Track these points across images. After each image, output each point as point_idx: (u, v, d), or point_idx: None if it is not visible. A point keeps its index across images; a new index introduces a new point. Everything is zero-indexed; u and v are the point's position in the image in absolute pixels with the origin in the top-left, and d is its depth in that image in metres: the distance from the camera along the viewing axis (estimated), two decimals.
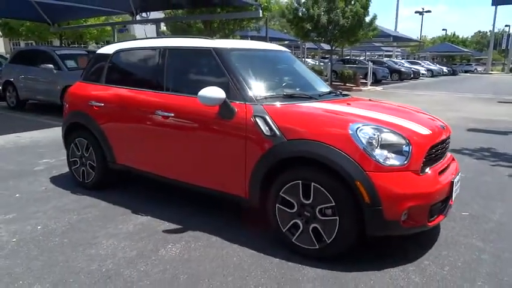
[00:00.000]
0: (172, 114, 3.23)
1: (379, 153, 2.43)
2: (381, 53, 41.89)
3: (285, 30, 25.60)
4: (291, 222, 2.69)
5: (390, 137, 2.50)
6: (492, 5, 33.49)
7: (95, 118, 3.83)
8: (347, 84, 19.40)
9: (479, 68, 49.66)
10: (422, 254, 2.76)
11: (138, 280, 2.42)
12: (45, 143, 6.25)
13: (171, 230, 3.12)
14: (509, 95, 16.47)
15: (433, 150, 2.69)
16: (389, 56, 38.37)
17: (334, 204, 2.48)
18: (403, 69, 27.01)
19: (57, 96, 8.55)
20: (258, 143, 2.77)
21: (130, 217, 3.37)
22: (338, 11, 17.65)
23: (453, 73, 38.08)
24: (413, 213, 2.45)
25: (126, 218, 3.36)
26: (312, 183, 2.55)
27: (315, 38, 20.08)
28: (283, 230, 2.74)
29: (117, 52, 3.91)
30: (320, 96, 3.31)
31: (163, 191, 3.92)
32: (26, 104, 10.14)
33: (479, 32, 69.74)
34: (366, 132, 2.47)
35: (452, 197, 2.76)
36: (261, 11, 10.88)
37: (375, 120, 2.65)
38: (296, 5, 18.77)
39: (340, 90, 3.70)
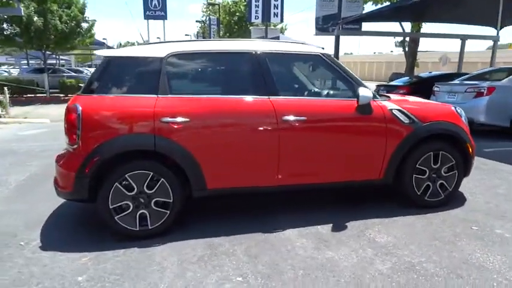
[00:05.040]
0: (305, 118, 3.21)
1: (465, 123, 3.77)
2: (54, 61, 38.94)
3: None
4: (424, 186, 3.59)
5: (462, 112, 3.88)
6: (144, 18, 39.51)
7: (174, 139, 2.96)
8: (69, 95, 17.85)
9: None
10: None
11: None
12: None
13: (338, 228, 3.22)
14: None
15: None
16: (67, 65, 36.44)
17: (454, 162, 3.63)
18: None
19: None
20: (399, 130, 3.44)
21: (288, 236, 3.09)
22: (54, 14, 15.96)
23: None
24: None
25: (286, 236, 3.08)
26: (440, 152, 3.57)
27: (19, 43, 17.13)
28: (419, 194, 3.59)
29: (174, 55, 3.12)
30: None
31: (230, 207, 3.63)
32: None
33: (128, 42, 77.73)
34: (459, 111, 3.76)
35: None
36: (22, 9, 8.89)
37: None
38: None
39: None
